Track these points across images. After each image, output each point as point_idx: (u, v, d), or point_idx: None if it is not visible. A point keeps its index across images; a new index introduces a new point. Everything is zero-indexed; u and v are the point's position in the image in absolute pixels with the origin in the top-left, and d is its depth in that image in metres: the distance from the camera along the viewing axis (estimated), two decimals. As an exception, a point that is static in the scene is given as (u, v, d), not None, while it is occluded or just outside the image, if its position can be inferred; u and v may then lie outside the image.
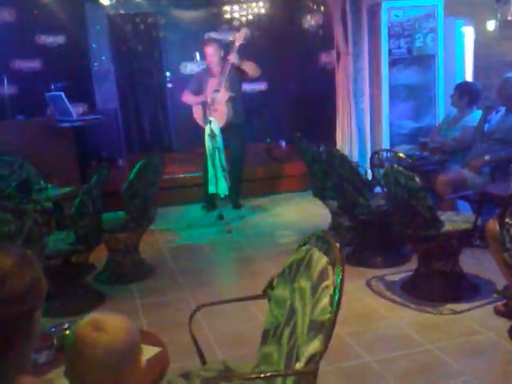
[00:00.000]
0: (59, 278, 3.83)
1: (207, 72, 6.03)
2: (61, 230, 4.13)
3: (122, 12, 8.06)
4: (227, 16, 8.33)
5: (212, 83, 5.84)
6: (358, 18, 5.94)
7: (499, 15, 5.85)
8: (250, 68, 5.84)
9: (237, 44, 5.75)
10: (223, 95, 5.77)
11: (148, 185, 4.49)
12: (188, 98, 6.05)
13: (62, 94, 5.78)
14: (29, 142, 5.59)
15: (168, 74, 8.21)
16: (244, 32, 5.77)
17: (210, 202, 6.07)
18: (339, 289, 1.77)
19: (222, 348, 3.20)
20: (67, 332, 1.87)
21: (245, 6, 8.34)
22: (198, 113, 5.96)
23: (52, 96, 6.03)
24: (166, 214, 5.91)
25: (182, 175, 6.64)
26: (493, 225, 3.21)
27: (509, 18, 5.67)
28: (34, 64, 7.52)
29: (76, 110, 6.06)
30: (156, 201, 4.76)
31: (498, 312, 3.37)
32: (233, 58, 5.74)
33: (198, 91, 5.95)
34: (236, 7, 8.32)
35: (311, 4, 7.85)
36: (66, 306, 3.75)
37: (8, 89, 6.82)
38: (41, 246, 3.20)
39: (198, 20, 8.21)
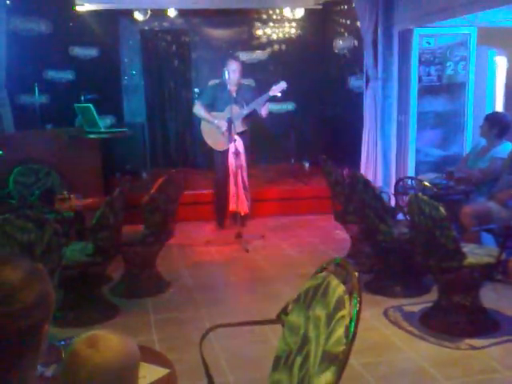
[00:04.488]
0: (75, 289, 3.85)
1: (222, 87, 5.94)
2: (80, 240, 4.15)
3: (154, 28, 8.20)
4: (258, 35, 8.40)
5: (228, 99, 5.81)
6: (388, 44, 5.93)
7: (533, 46, 5.79)
8: (265, 110, 5.83)
9: (271, 94, 5.71)
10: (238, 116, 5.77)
11: (169, 200, 4.49)
12: (201, 112, 5.97)
13: (91, 105, 5.85)
14: (56, 151, 5.66)
15: (196, 90, 8.28)
16: (283, 86, 5.68)
17: (221, 220, 6.19)
18: (355, 321, 1.72)
19: (232, 370, 3.16)
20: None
21: (276, 25, 8.41)
22: (211, 136, 5.94)
23: (81, 107, 6.11)
24: (185, 230, 5.92)
25: (204, 191, 6.65)
26: (517, 261, 3.13)
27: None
28: (66, 75, 7.67)
29: (104, 123, 6.12)
30: (176, 216, 4.76)
31: (519, 351, 3.27)
32: (264, 111, 5.78)
33: (211, 105, 5.94)
34: (267, 27, 8.39)
35: (342, 27, 7.87)
36: (79, 317, 3.76)
37: (39, 98, 6.96)
38: (59, 256, 3.21)
39: (228, 39, 8.32)
